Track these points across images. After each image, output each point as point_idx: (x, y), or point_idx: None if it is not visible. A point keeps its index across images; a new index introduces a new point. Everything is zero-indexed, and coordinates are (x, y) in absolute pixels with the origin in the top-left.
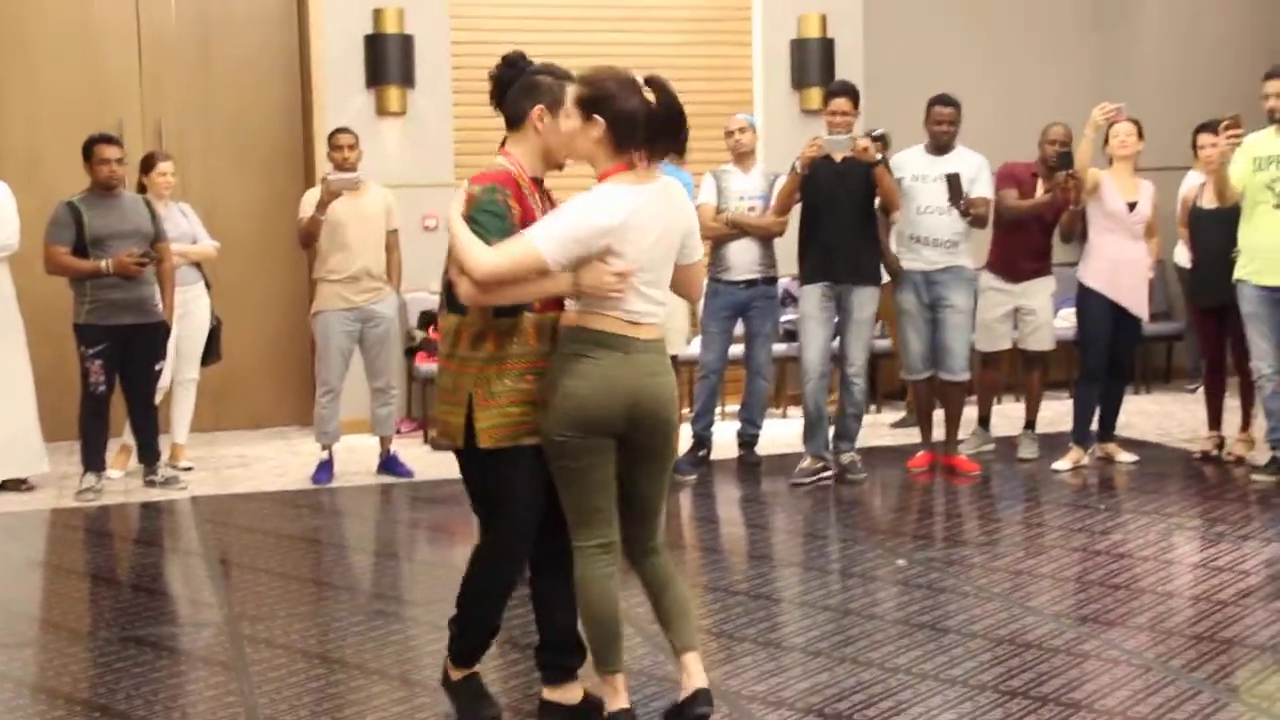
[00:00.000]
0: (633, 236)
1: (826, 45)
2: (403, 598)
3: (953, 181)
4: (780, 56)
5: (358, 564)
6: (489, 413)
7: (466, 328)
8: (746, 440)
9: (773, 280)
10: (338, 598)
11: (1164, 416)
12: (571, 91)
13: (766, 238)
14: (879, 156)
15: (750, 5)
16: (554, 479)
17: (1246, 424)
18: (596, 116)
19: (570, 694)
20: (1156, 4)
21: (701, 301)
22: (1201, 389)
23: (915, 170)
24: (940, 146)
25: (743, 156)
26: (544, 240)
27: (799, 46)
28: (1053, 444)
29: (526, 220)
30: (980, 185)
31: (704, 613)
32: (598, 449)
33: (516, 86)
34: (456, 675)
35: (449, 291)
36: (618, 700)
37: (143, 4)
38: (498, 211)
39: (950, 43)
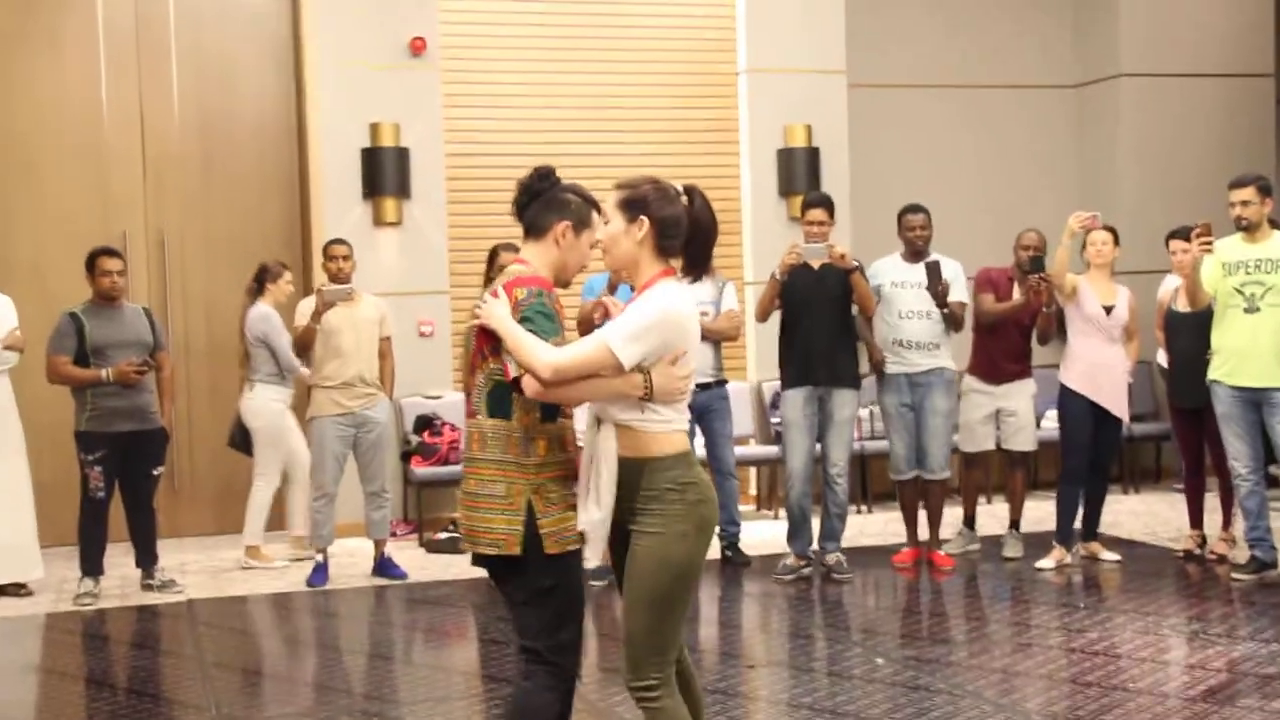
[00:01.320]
0: (691, 340)
1: (812, 154)
2: (394, 698)
3: (931, 269)
4: (767, 165)
5: (351, 665)
6: (551, 519)
7: (513, 433)
8: (730, 540)
9: (723, 383)
10: (326, 698)
11: (1150, 516)
12: (614, 196)
13: (721, 341)
14: (855, 263)
15: (737, 115)
16: (662, 609)
17: (1227, 523)
18: (643, 218)
19: None
20: (1133, 118)
21: None
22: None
23: (894, 277)
24: (915, 252)
25: None
26: (617, 338)
27: (786, 155)
28: (1038, 543)
29: None
30: (956, 289)
31: None
32: None
33: (544, 199)
34: None
35: (496, 395)
36: None
37: (147, 119)
38: (549, 313)
39: (935, 150)
